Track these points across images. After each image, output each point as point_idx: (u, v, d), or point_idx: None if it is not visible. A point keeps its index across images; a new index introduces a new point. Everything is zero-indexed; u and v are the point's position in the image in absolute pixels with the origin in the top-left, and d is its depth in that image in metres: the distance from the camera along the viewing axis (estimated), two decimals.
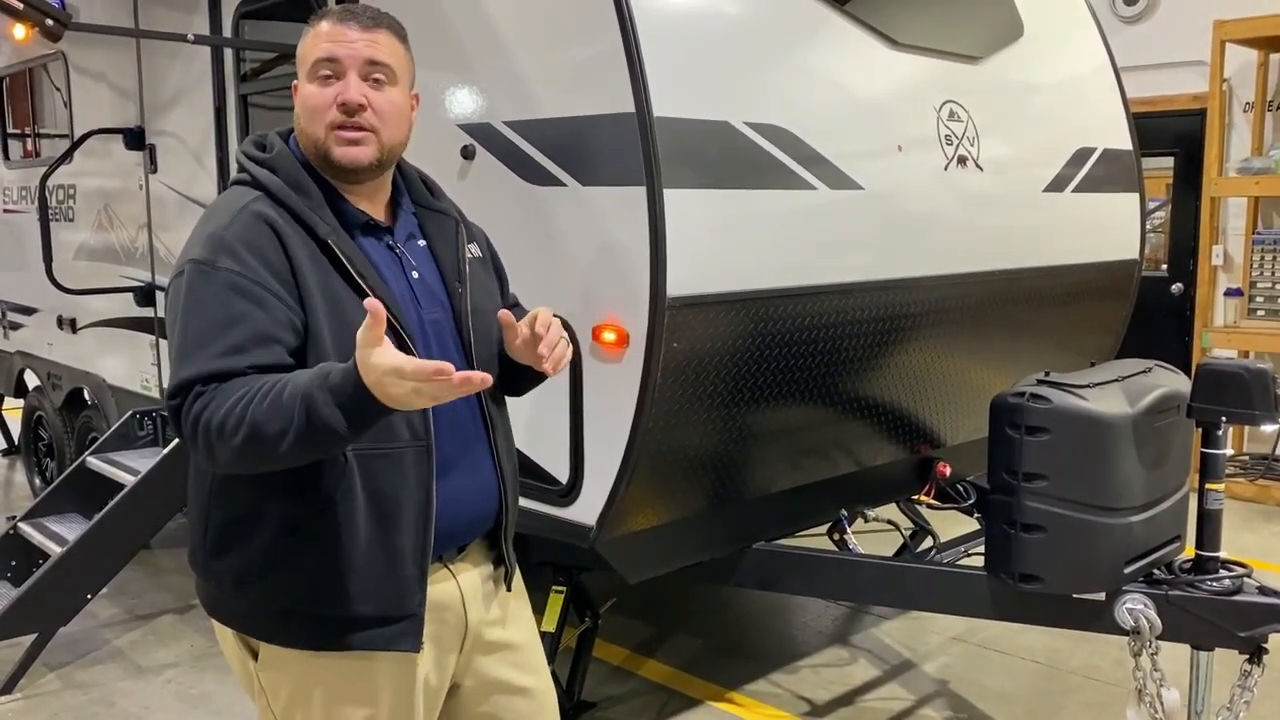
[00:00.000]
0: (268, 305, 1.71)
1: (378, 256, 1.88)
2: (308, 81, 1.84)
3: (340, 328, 1.75)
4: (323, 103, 1.82)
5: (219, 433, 1.63)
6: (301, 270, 1.75)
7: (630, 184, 2.67)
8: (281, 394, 1.61)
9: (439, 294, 1.94)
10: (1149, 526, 2.86)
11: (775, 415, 3.10)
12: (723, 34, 2.98)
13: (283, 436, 1.60)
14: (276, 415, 1.59)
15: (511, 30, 2.99)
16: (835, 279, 3.07)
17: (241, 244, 1.73)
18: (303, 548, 1.80)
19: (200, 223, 1.84)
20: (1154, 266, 7.07)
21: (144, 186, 4.84)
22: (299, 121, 1.87)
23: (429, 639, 1.90)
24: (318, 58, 1.82)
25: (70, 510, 4.50)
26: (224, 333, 1.68)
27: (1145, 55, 6.56)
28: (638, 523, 2.97)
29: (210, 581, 1.89)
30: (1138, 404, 2.84)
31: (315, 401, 1.57)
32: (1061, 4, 4.28)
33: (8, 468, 7.32)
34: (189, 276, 1.73)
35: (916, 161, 3.34)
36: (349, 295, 1.78)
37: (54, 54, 5.40)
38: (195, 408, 1.65)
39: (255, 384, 1.64)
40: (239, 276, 1.71)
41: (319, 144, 1.83)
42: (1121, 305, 4.32)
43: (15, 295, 6.23)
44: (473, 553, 2.01)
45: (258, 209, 1.78)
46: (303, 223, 1.79)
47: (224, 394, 1.65)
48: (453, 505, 1.90)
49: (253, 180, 1.84)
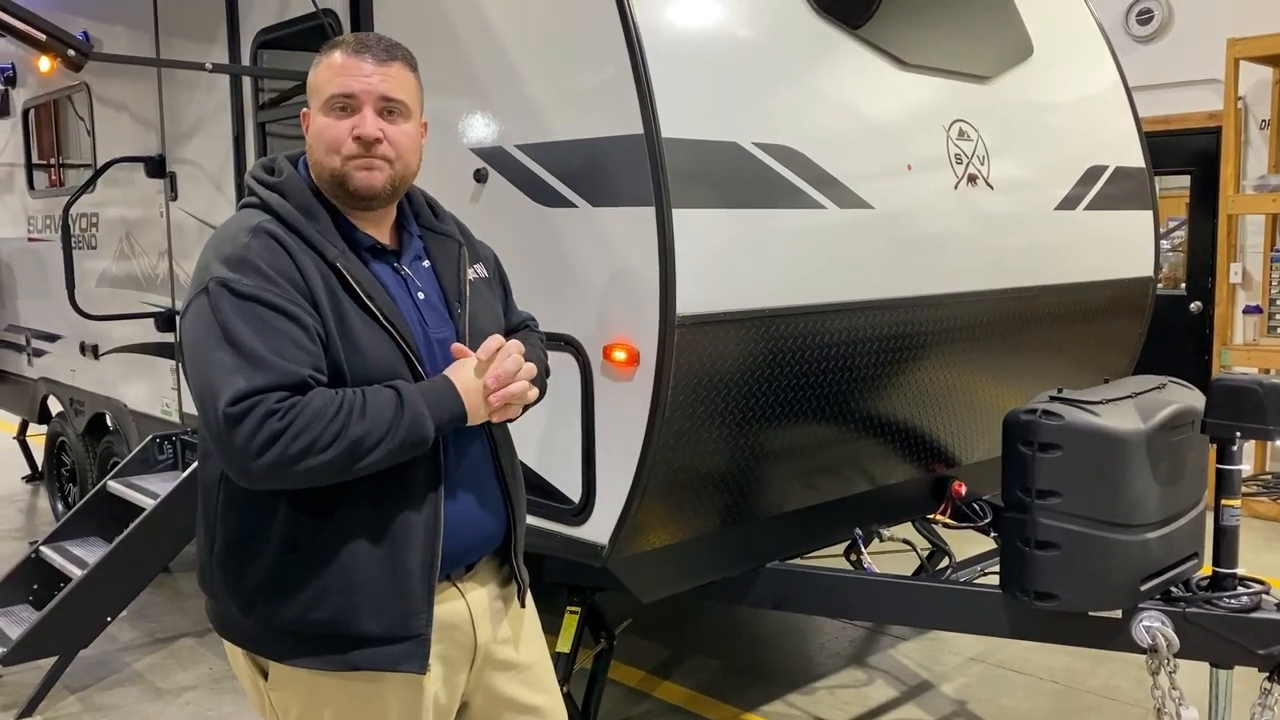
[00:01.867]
0: (302, 320, 1.73)
1: (385, 279, 1.90)
2: (322, 114, 1.86)
3: (349, 349, 1.78)
4: (339, 136, 1.84)
5: (305, 451, 1.66)
6: (316, 292, 1.77)
7: (639, 204, 2.69)
8: (376, 409, 1.72)
9: (444, 314, 1.97)
10: (1165, 543, 2.84)
11: (787, 434, 3.10)
12: (731, 56, 3.01)
13: (374, 449, 1.71)
14: (376, 429, 1.71)
15: (522, 55, 3.03)
16: (845, 297, 3.08)
17: (265, 263, 1.75)
18: (308, 565, 1.80)
19: (212, 243, 1.85)
20: (1172, 285, 7.04)
21: (165, 214, 4.91)
22: (312, 151, 1.89)
23: (438, 658, 1.91)
24: (333, 93, 1.85)
25: (91, 534, 4.53)
26: (273, 344, 1.69)
27: (1159, 74, 6.56)
28: (650, 542, 2.97)
29: (219, 601, 1.90)
30: (1151, 420, 2.82)
31: (421, 419, 1.74)
32: (1071, 23, 4.29)
33: (31, 493, 7.39)
34: (215, 295, 1.73)
35: (926, 181, 3.35)
36: (358, 316, 1.80)
37: (78, 85, 5.49)
38: (273, 425, 1.65)
39: (334, 399, 1.70)
40: (270, 293, 1.72)
41: (335, 173, 1.86)
42: (1136, 323, 4.31)
43: (39, 323, 6.31)
44: (481, 571, 2.02)
45: (271, 229, 1.80)
46: (312, 246, 1.81)
47: (306, 413, 1.67)
48: (460, 524, 1.91)
49: (262, 203, 1.87)
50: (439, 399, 1.78)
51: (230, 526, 1.86)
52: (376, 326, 1.81)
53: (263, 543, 1.82)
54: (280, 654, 1.86)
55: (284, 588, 1.81)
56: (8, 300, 6.79)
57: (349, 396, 1.71)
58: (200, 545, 1.94)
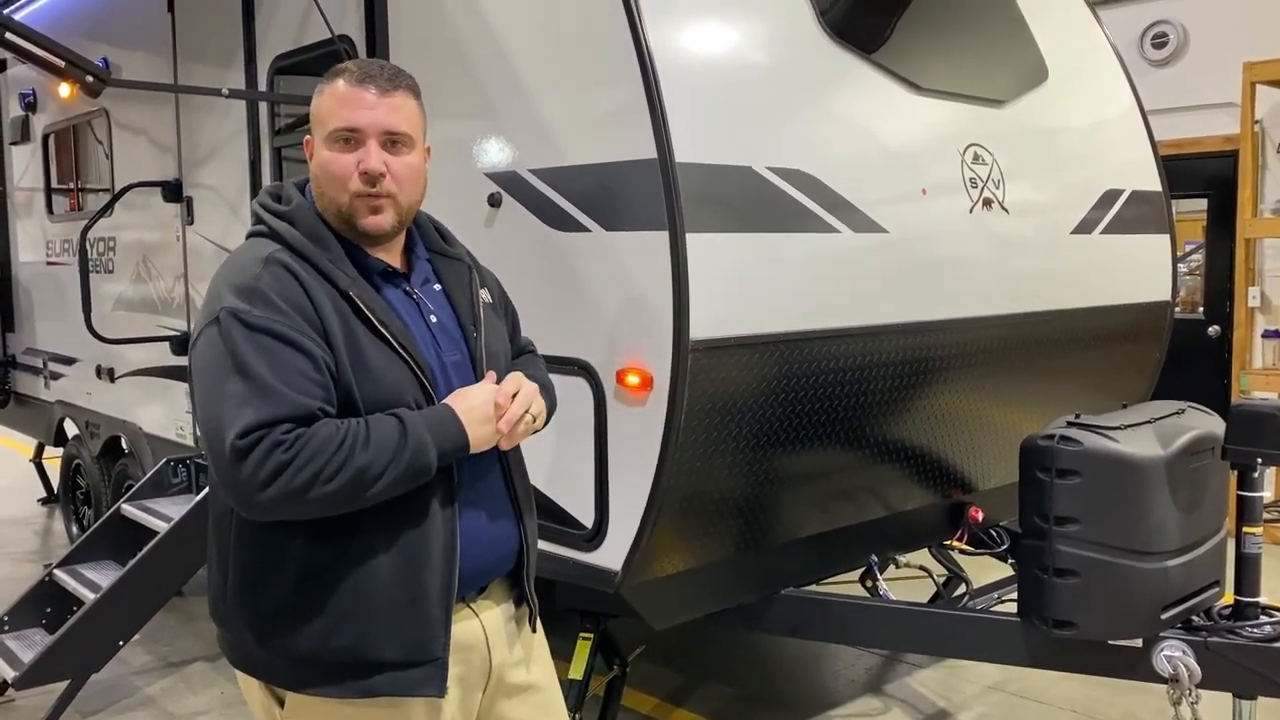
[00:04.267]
0: (311, 353, 1.73)
1: (397, 303, 1.90)
2: (326, 146, 1.85)
3: (364, 375, 1.78)
4: (344, 170, 1.84)
5: (310, 482, 1.66)
6: (328, 322, 1.77)
7: (653, 229, 2.69)
8: (381, 440, 1.71)
9: (456, 337, 1.97)
10: (1186, 571, 2.81)
11: (802, 459, 3.08)
12: (745, 81, 3.01)
13: (378, 480, 1.71)
14: (378, 461, 1.70)
15: (537, 80, 3.04)
16: (860, 321, 3.06)
17: (275, 294, 1.75)
18: (325, 593, 1.80)
19: (222, 273, 1.84)
20: (1190, 309, 6.99)
21: (181, 238, 4.94)
22: (318, 182, 1.88)
23: (454, 680, 1.90)
24: (338, 127, 1.84)
25: (105, 557, 4.53)
26: (283, 376, 1.69)
27: (1175, 98, 6.54)
28: (664, 568, 2.95)
29: (233, 632, 1.89)
30: (1170, 446, 2.80)
31: (424, 448, 1.73)
32: (1086, 48, 4.29)
33: (46, 516, 7.41)
34: (226, 324, 1.73)
35: (941, 205, 3.34)
36: (372, 343, 1.80)
37: (97, 110, 5.55)
38: (279, 457, 1.65)
39: (339, 431, 1.70)
40: (280, 325, 1.72)
41: (342, 209, 1.86)
42: (1154, 347, 4.27)
43: (56, 346, 6.35)
44: (494, 592, 2.01)
45: (283, 259, 1.80)
46: (324, 274, 1.81)
47: (311, 444, 1.67)
48: (474, 545, 1.90)
49: (271, 232, 1.86)
50: (442, 427, 1.78)
51: (244, 557, 1.84)
52: (390, 352, 1.81)
53: (278, 572, 1.81)
54: (298, 683, 1.85)
55: (301, 617, 1.80)
56: (25, 323, 6.84)
57: (353, 427, 1.71)
58: (212, 576, 1.93)
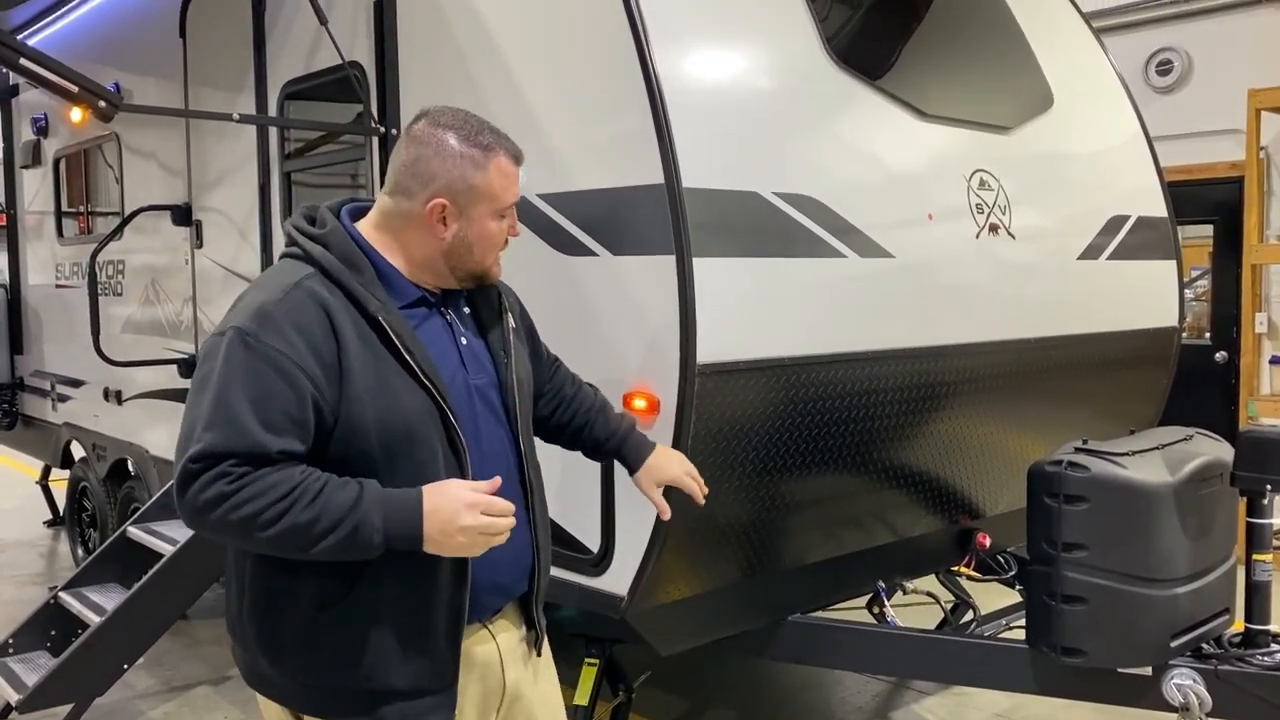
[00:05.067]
0: (302, 389, 1.74)
1: (429, 326, 1.94)
2: (495, 219, 1.93)
3: (388, 405, 1.80)
4: (501, 238, 1.97)
5: (248, 521, 1.68)
6: (349, 353, 1.78)
7: (660, 253, 2.70)
8: (330, 503, 1.70)
9: (484, 361, 2.01)
10: (1195, 598, 2.79)
11: (809, 484, 3.08)
12: (751, 107, 3.03)
13: (317, 542, 1.70)
14: (319, 523, 1.69)
15: (545, 106, 3.06)
16: (867, 346, 3.06)
17: (289, 322, 1.76)
18: (336, 622, 1.82)
19: (250, 292, 1.88)
20: (1196, 334, 6.98)
21: (190, 261, 4.96)
22: (469, 249, 1.92)
23: (473, 701, 1.95)
24: (511, 202, 1.95)
25: (110, 580, 4.52)
26: (258, 410, 1.71)
27: (1181, 124, 6.56)
28: (670, 593, 2.94)
29: (248, 651, 1.92)
30: (1179, 472, 2.79)
31: (367, 527, 1.71)
32: (1092, 75, 4.31)
33: (52, 538, 7.41)
34: (230, 343, 1.75)
35: (947, 230, 3.35)
36: (398, 373, 1.82)
37: (108, 135, 5.59)
38: (221, 487, 1.69)
39: (290, 481, 1.70)
40: (280, 355, 1.74)
41: (482, 270, 1.96)
42: (1162, 373, 4.26)
43: (64, 368, 6.37)
44: (508, 614, 2.04)
45: (310, 287, 1.82)
46: (354, 299, 1.83)
47: (256, 485, 1.69)
48: (491, 568, 1.92)
49: (305, 255, 1.88)
50: (400, 513, 1.74)
51: (259, 582, 1.87)
52: (412, 379, 1.83)
53: (292, 600, 1.84)
54: (311, 708, 1.88)
55: (314, 644, 1.83)
56: (34, 346, 6.87)
57: (306, 482, 1.71)
58: (229, 596, 1.96)
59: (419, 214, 1.89)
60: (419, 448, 1.83)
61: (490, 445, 1.96)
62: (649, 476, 2.31)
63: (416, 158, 1.89)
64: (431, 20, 3.44)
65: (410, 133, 1.93)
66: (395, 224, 1.92)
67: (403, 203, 1.90)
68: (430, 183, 1.88)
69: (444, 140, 1.89)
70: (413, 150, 1.90)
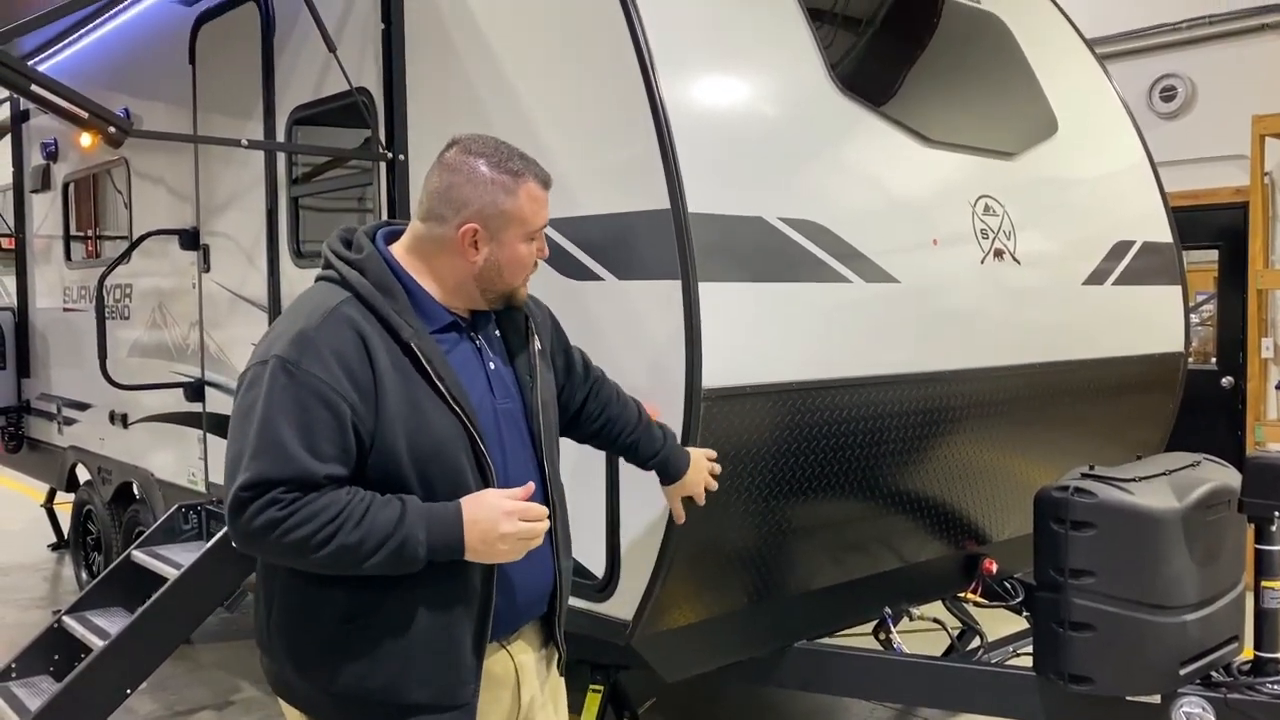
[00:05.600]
0: (343, 416, 1.80)
1: (459, 351, 1.98)
2: (524, 243, 1.97)
3: (418, 427, 1.85)
4: (530, 260, 2.01)
5: (300, 544, 1.75)
6: (382, 377, 1.84)
7: (666, 278, 2.71)
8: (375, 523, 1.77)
9: (510, 385, 2.05)
10: (1204, 626, 2.78)
11: (815, 509, 3.07)
12: (756, 133, 3.04)
13: (367, 559, 1.77)
14: (367, 542, 1.76)
15: (551, 132, 3.07)
16: (872, 371, 3.06)
17: (328, 348, 1.82)
18: (363, 636, 1.87)
19: (287, 316, 1.93)
20: (1203, 359, 6.97)
21: (197, 285, 4.98)
22: (499, 272, 1.96)
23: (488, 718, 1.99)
24: (540, 225, 1.99)
25: (114, 604, 4.51)
26: (304, 437, 1.77)
27: (1185, 150, 6.57)
28: (675, 619, 2.93)
29: (275, 660, 1.97)
30: (1186, 498, 2.78)
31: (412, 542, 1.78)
32: (1095, 101, 4.33)
33: (56, 561, 7.40)
34: (273, 371, 1.81)
35: (952, 255, 3.35)
36: (429, 397, 1.87)
37: (117, 159, 5.62)
38: (272, 514, 1.75)
39: (338, 504, 1.77)
40: (321, 383, 1.79)
41: (511, 291, 2.00)
42: (1168, 398, 4.26)
43: (70, 391, 6.38)
44: (527, 634, 2.08)
45: (345, 312, 1.87)
46: (388, 325, 1.88)
47: (305, 510, 1.75)
48: (513, 588, 1.97)
49: (341, 279, 1.93)
50: (442, 526, 1.82)
51: (288, 594, 1.93)
52: (443, 404, 1.88)
53: (320, 613, 1.89)
54: (334, 718, 1.93)
55: (340, 656, 1.88)
56: (40, 369, 6.88)
57: (352, 504, 1.78)
58: (258, 607, 2.01)
59: (451, 238, 1.94)
60: (449, 468, 1.88)
61: (515, 467, 2.01)
62: (678, 491, 2.44)
63: (449, 184, 1.95)
64: (439, 47, 3.47)
65: (443, 160, 1.98)
66: (428, 248, 1.97)
67: (435, 228, 1.95)
68: (463, 208, 1.93)
69: (475, 167, 1.94)
70: (445, 177, 1.96)
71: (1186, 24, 6.89)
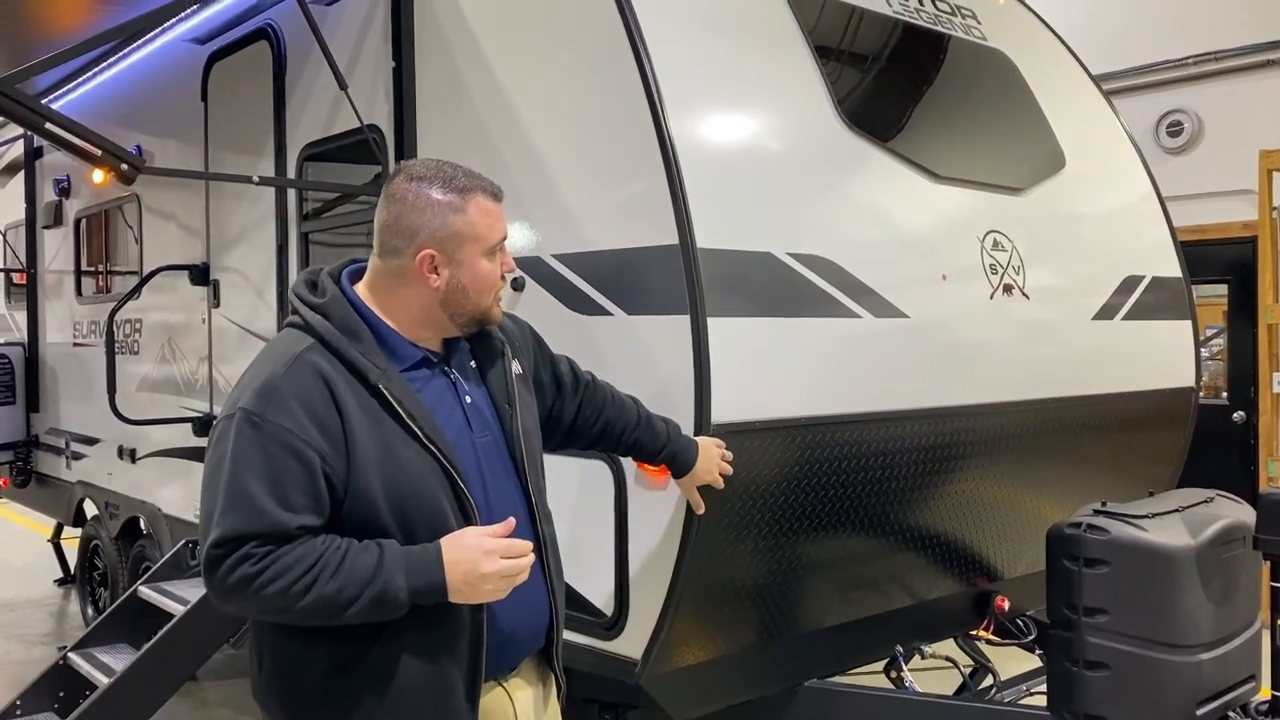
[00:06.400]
0: (313, 465, 1.77)
1: (431, 388, 1.94)
2: (485, 259, 1.94)
3: (393, 471, 1.82)
4: (495, 276, 1.97)
5: (278, 598, 1.72)
6: (351, 423, 1.80)
7: (675, 313, 2.71)
8: (353, 571, 1.73)
9: (489, 416, 2.01)
10: (1220, 665, 2.74)
11: (825, 546, 3.05)
12: (764, 169, 3.06)
13: (347, 608, 1.73)
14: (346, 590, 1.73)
15: (560, 167, 3.09)
16: (883, 406, 3.05)
17: (293, 397, 1.79)
18: (353, 685, 1.83)
19: (254, 366, 1.90)
20: (1213, 394, 6.94)
21: (206, 320, 5.00)
22: (465, 293, 1.93)
23: None
24: (499, 239, 1.96)
25: (120, 640, 4.49)
26: (273, 489, 1.74)
27: (1192, 184, 6.58)
28: (685, 658, 2.90)
29: (270, 714, 1.93)
30: (1200, 535, 2.75)
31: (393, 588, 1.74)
32: (1103, 136, 4.34)
33: (62, 597, 7.37)
34: (239, 425, 1.78)
35: (962, 290, 3.35)
36: (401, 439, 1.83)
37: (128, 195, 5.67)
38: (246, 569, 1.72)
39: (313, 554, 1.73)
40: (288, 433, 1.76)
41: (482, 311, 1.96)
42: (1179, 434, 4.23)
43: (79, 426, 6.39)
44: (525, 669, 2.04)
45: (310, 359, 1.84)
46: (354, 369, 1.84)
47: (280, 563, 1.72)
48: (508, 625, 1.94)
49: (304, 325, 1.90)
50: (421, 568, 1.78)
51: (277, 647, 1.89)
52: (418, 445, 1.84)
53: (310, 665, 1.85)
54: None
55: (332, 708, 1.84)
56: (49, 404, 6.90)
57: (328, 553, 1.75)
58: (250, 657, 1.97)
59: (410, 268, 1.91)
60: (428, 510, 1.84)
61: (499, 501, 1.97)
62: (692, 482, 2.46)
63: (397, 214, 1.92)
64: (450, 85, 3.50)
65: (388, 191, 1.95)
66: (389, 283, 1.94)
67: (391, 261, 1.93)
68: (415, 236, 1.90)
69: (420, 192, 1.91)
70: (393, 208, 1.93)
71: (1193, 60, 6.94)
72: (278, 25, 4.45)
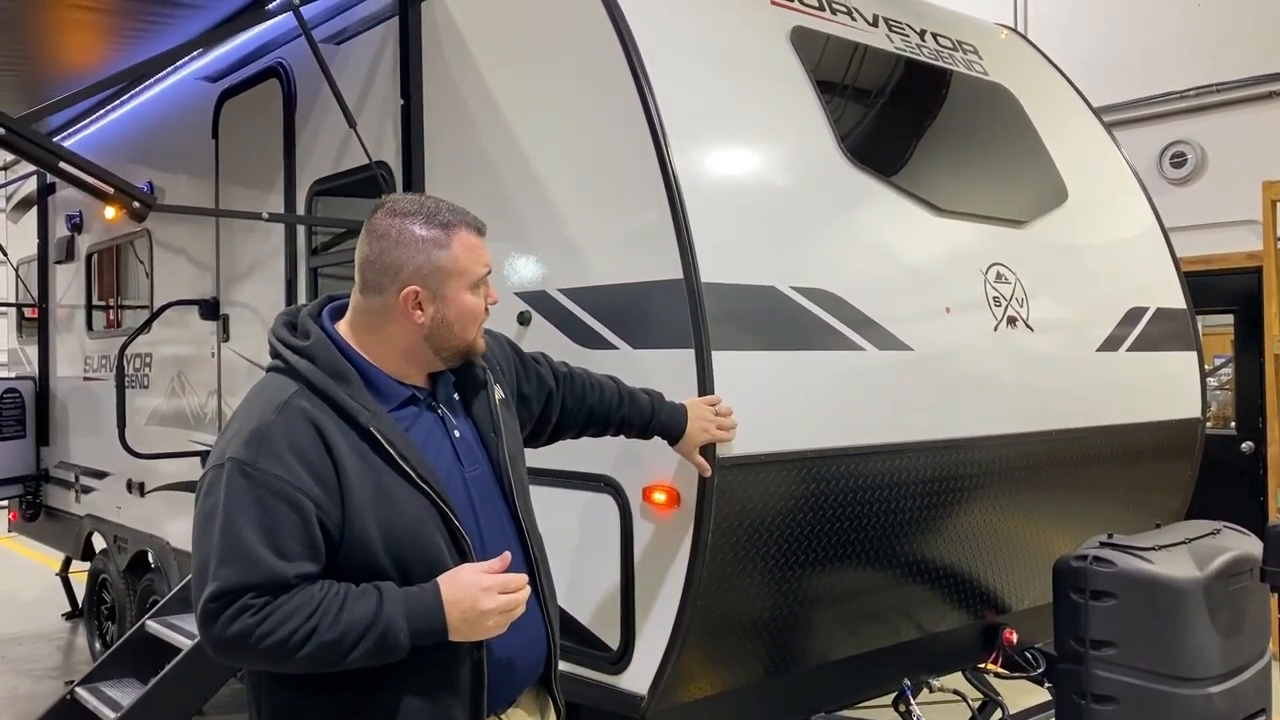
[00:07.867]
0: (307, 512, 1.75)
1: (420, 425, 1.94)
2: (470, 293, 1.94)
3: (389, 514, 1.81)
4: (480, 310, 1.97)
5: (278, 648, 1.70)
6: (344, 467, 1.79)
7: (679, 346, 2.73)
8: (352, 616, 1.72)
9: (477, 448, 2.01)
10: (1230, 699, 2.72)
11: (832, 578, 3.04)
12: (768, 203, 3.08)
13: (348, 654, 1.72)
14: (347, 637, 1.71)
15: (565, 203, 3.12)
16: (887, 439, 3.06)
17: (284, 444, 1.77)
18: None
19: (240, 413, 1.87)
20: (1221, 424, 6.92)
21: (216, 354, 5.03)
22: (449, 327, 1.92)
23: None
24: (483, 274, 1.96)
25: (127, 675, 4.49)
26: (269, 539, 1.72)
27: (1196, 215, 6.61)
28: (692, 692, 2.89)
29: None
30: (1207, 567, 2.75)
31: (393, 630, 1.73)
32: (1105, 169, 4.36)
33: (70, 631, 7.37)
34: (230, 475, 1.76)
35: (965, 323, 3.36)
36: (395, 480, 1.82)
37: (140, 231, 5.72)
38: (245, 621, 1.70)
39: (312, 602, 1.71)
40: (281, 481, 1.74)
41: (467, 344, 1.96)
42: (1186, 465, 4.22)
43: (88, 460, 6.42)
44: (524, 701, 2.04)
45: (298, 404, 1.82)
46: (343, 412, 1.83)
47: (279, 613, 1.70)
48: (506, 659, 1.92)
49: (289, 369, 1.87)
50: (421, 609, 1.77)
51: (277, 697, 1.87)
52: (411, 486, 1.83)
53: (310, 712, 1.83)
54: None
55: None
56: (59, 437, 6.93)
57: (326, 600, 1.73)
58: (249, 705, 1.95)
59: (394, 306, 1.90)
60: (424, 550, 1.84)
61: (491, 532, 1.96)
62: (689, 446, 2.47)
63: (380, 251, 1.90)
64: (457, 122, 3.54)
65: (370, 227, 1.93)
66: (373, 320, 1.92)
67: (374, 298, 1.91)
68: (399, 272, 1.89)
69: (403, 228, 1.90)
70: (375, 244, 1.91)
71: (1195, 91, 6.98)
72: (288, 64, 4.52)
